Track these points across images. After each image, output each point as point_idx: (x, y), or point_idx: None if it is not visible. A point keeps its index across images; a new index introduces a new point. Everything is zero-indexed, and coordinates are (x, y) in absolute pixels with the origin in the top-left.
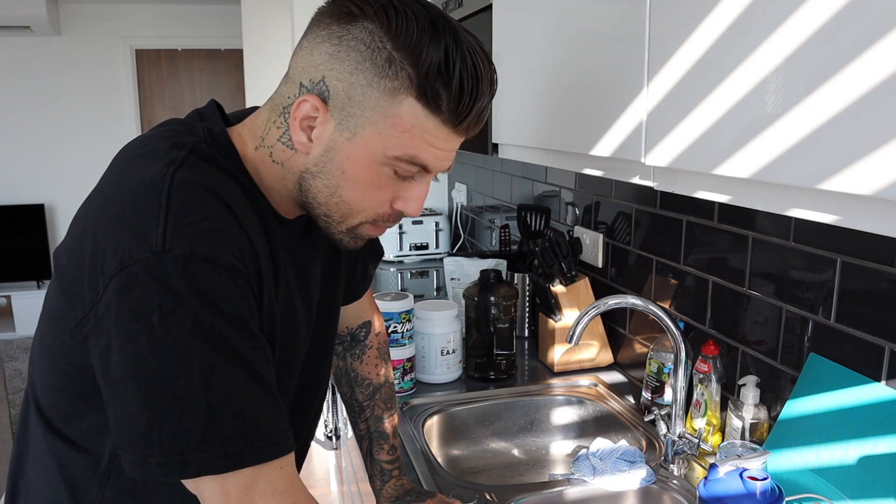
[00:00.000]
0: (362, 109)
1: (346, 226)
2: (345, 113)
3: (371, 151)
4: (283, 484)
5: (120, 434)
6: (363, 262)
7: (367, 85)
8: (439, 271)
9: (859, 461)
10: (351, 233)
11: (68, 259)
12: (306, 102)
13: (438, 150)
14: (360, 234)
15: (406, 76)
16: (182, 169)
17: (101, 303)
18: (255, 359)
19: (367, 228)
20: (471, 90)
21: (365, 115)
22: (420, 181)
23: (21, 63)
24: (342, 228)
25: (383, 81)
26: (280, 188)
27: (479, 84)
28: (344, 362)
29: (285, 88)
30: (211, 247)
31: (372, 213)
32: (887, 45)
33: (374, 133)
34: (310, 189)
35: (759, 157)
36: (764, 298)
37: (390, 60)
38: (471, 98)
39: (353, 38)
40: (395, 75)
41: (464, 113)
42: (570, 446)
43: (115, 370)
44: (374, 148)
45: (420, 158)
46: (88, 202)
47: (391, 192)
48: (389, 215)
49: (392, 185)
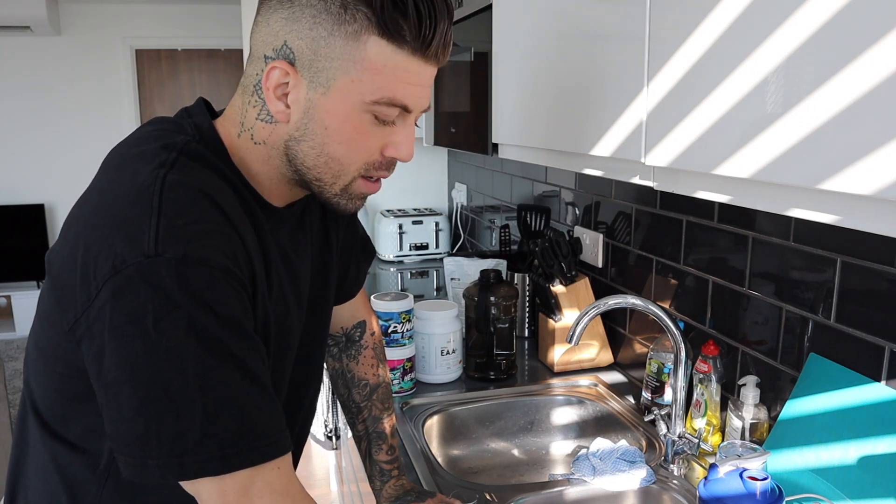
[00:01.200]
0: (330, 61)
1: (339, 185)
2: (314, 69)
3: (349, 101)
4: (280, 484)
5: (116, 437)
6: (356, 262)
7: (329, 35)
8: (439, 271)
9: (859, 461)
10: (346, 193)
11: (60, 263)
12: (275, 69)
13: (413, 85)
14: (355, 192)
15: (364, 16)
16: (172, 171)
17: (94, 307)
18: (251, 360)
19: (361, 184)
20: (429, 13)
21: (334, 65)
22: (403, 124)
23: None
24: (336, 190)
25: (343, 27)
26: (268, 171)
27: (435, 6)
28: (340, 363)
29: (251, 67)
30: (203, 249)
31: (361, 165)
32: (887, 45)
33: (347, 81)
34: (297, 156)
35: (759, 157)
36: (764, 298)
37: (345, 6)
38: (431, 21)
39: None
40: (353, 18)
41: (427, 38)
42: (570, 446)
43: (110, 374)
44: (350, 97)
45: (398, 99)
46: (80, 205)
47: (377, 139)
48: (381, 163)
49: (376, 132)
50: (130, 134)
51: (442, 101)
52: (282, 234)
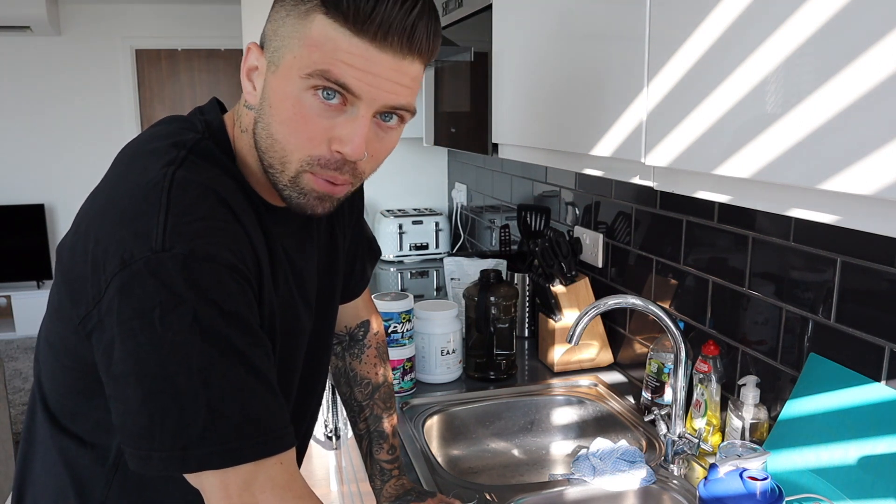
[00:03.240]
0: (282, 39)
1: (287, 175)
2: (271, 49)
3: (289, 77)
4: (283, 479)
5: (123, 429)
6: (361, 262)
7: (287, 16)
8: (439, 271)
9: (859, 461)
10: (296, 186)
11: (71, 256)
12: (250, 51)
13: (357, 68)
14: (306, 187)
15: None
16: (181, 168)
17: (104, 300)
18: (255, 355)
19: (309, 179)
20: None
21: (284, 44)
22: (352, 116)
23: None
24: (285, 180)
25: (298, 7)
26: (254, 163)
27: None
28: (343, 362)
29: None
30: (210, 245)
31: (305, 154)
32: (887, 45)
33: (291, 58)
34: (257, 141)
35: (759, 157)
36: (764, 298)
37: None
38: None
39: None
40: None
41: (366, 10)
42: (570, 446)
43: (117, 366)
44: (291, 73)
45: (334, 74)
46: (91, 199)
47: (321, 129)
48: (328, 160)
49: (320, 120)
50: (143, 131)
51: (442, 101)
52: (286, 234)
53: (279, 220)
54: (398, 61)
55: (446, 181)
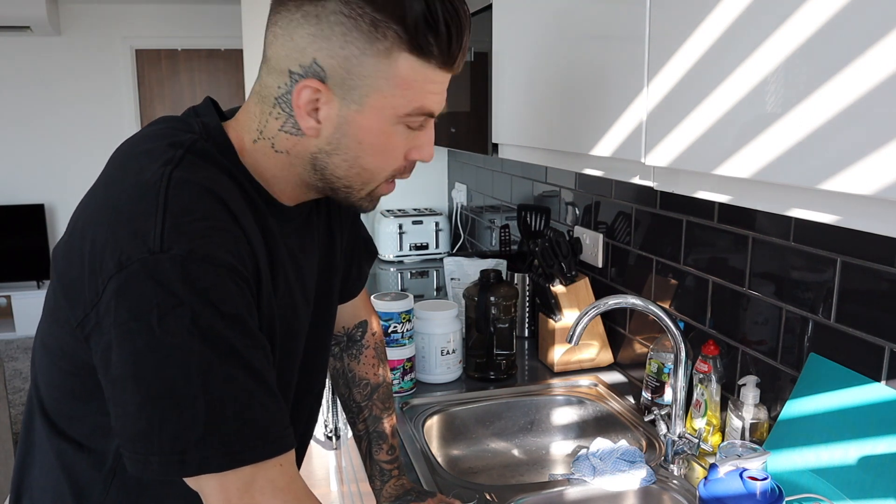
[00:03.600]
0: (362, 79)
1: (366, 191)
2: (346, 87)
3: (383, 116)
4: (283, 481)
5: (121, 432)
6: (358, 262)
7: (361, 54)
8: (439, 271)
9: (859, 461)
10: (370, 196)
11: (67, 259)
12: (306, 88)
13: (437, 94)
14: (377, 194)
15: (394, 34)
16: (179, 168)
17: (102, 303)
18: (254, 357)
19: (384, 187)
20: (457, 31)
21: (367, 83)
22: (428, 127)
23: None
24: (363, 194)
25: (374, 45)
26: (286, 175)
27: (461, 22)
28: (341, 363)
29: (271, 79)
30: (209, 246)
31: (390, 172)
32: (887, 45)
33: (380, 98)
34: (327, 167)
35: (759, 157)
36: (764, 298)
37: (375, 23)
38: (458, 38)
39: (332, 13)
40: (384, 36)
41: (455, 53)
42: (570, 446)
43: (116, 369)
44: (385, 112)
45: (427, 107)
46: (87, 201)
47: (404, 146)
48: (405, 167)
49: (404, 140)
50: (138, 132)
51: None
52: (289, 232)
53: (282, 218)
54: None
55: (446, 181)
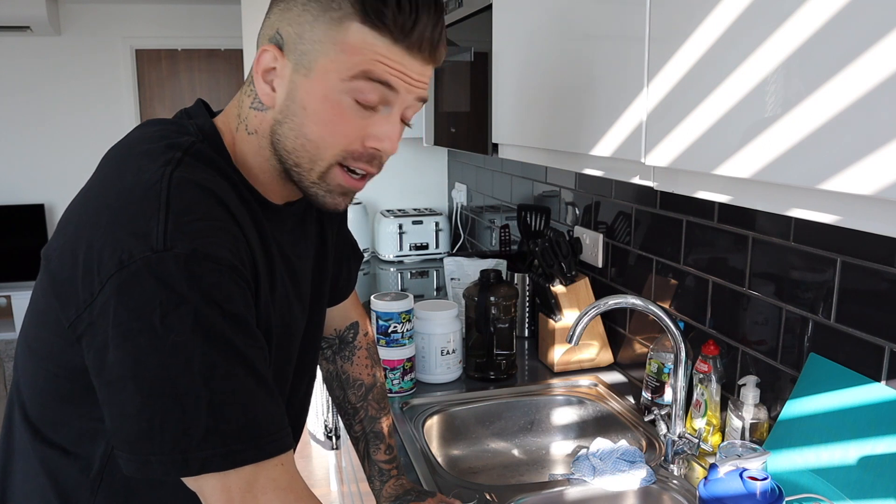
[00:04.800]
0: (313, 44)
1: (316, 172)
2: (299, 52)
3: (328, 81)
4: (284, 480)
5: (118, 433)
6: (347, 264)
7: (315, 20)
8: (439, 271)
9: (859, 461)
10: (324, 182)
11: (60, 259)
12: (266, 53)
13: (396, 72)
14: (333, 182)
15: (349, 4)
16: (179, 169)
17: (98, 302)
18: (255, 357)
19: (339, 175)
20: (412, 5)
21: (316, 48)
22: (387, 115)
23: (21, 63)
24: (313, 177)
25: (328, 13)
26: (262, 164)
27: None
28: (334, 365)
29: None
30: (212, 245)
31: (339, 150)
32: (887, 45)
33: (327, 62)
34: (279, 140)
35: (759, 157)
36: (764, 298)
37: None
38: (413, 11)
39: None
40: (339, 6)
41: (408, 26)
42: (570, 446)
43: (113, 370)
44: (330, 76)
45: (376, 73)
46: (80, 202)
47: (357, 127)
48: (361, 154)
49: (357, 119)
50: (128, 134)
51: (442, 101)
52: (283, 233)
53: (276, 219)
54: (423, 67)
55: (446, 181)
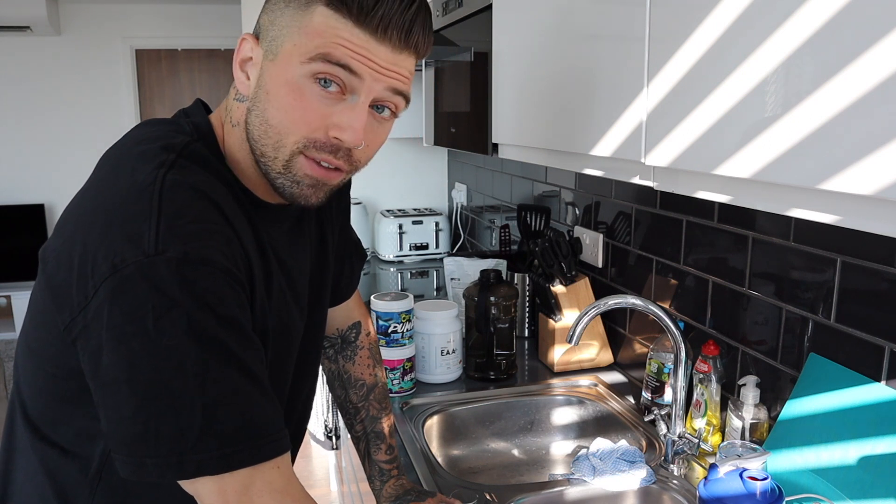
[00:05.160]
0: (280, 29)
1: (280, 161)
2: (268, 39)
3: (290, 65)
4: (280, 483)
5: (114, 436)
6: (350, 263)
7: (286, 6)
8: (439, 271)
9: (859, 461)
10: (289, 172)
11: (56, 261)
12: (244, 42)
13: (358, 54)
14: (298, 172)
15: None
16: (172, 171)
17: (91, 306)
18: (250, 359)
19: (304, 163)
20: None
21: (283, 33)
22: (352, 104)
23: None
24: (278, 167)
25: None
26: (246, 159)
27: None
28: (336, 365)
29: None
30: (204, 249)
31: (301, 137)
32: (887, 45)
33: (290, 46)
34: (250, 131)
35: (759, 157)
36: (764, 298)
37: None
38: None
39: None
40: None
41: (368, 8)
42: (570, 446)
43: (108, 373)
44: (291, 60)
45: (336, 56)
46: (77, 202)
47: (321, 114)
48: (324, 144)
49: (320, 104)
50: (126, 134)
51: (442, 101)
52: (278, 233)
53: (272, 219)
54: (395, 55)
55: (446, 181)
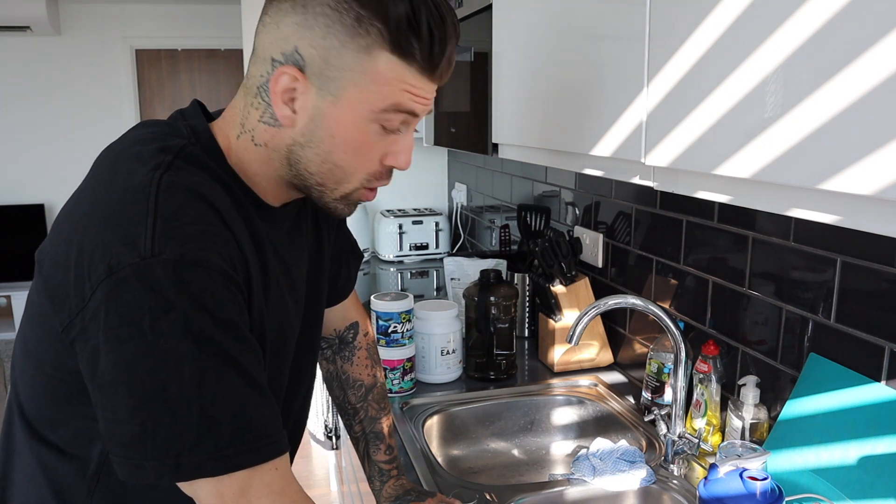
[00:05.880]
0: (340, 71)
1: (340, 192)
2: (323, 77)
3: (358, 110)
4: (278, 484)
5: (111, 438)
6: (346, 263)
7: (342, 46)
8: (439, 271)
9: (859, 461)
10: (345, 199)
11: (53, 262)
12: (284, 75)
13: (419, 97)
14: (354, 199)
15: (377, 32)
16: (169, 172)
17: (89, 308)
18: (247, 361)
19: (362, 193)
20: (440, 37)
21: (344, 75)
22: (405, 133)
23: (21, 63)
24: (336, 195)
25: (356, 40)
26: (266, 171)
27: (446, 29)
28: (334, 366)
29: (256, 68)
30: (201, 250)
31: (364, 175)
32: (887, 45)
33: (356, 92)
34: (300, 160)
35: (759, 157)
36: (764, 298)
37: (359, 19)
38: (441, 44)
39: (319, 4)
40: (367, 32)
41: (437, 59)
42: (570, 446)
43: (105, 375)
44: (360, 107)
45: (405, 105)
46: (73, 204)
47: (380, 148)
48: (381, 173)
49: (380, 141)
50: (123, 135)
51: (442, 101)
52: (278, 233)
53: (271, 219)
54: (435, 85)
55: (446, 181)
